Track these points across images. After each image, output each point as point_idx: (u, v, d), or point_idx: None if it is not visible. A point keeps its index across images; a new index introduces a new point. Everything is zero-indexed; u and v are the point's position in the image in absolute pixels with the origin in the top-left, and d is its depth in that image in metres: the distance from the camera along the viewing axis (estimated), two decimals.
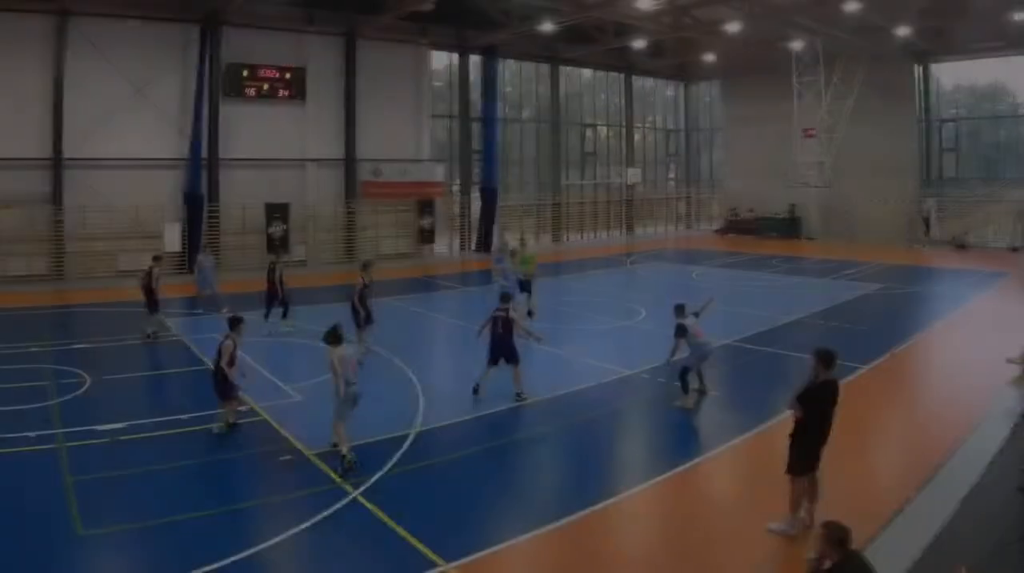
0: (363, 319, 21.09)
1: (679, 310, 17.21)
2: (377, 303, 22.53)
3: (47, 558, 10.34)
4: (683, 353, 17.21)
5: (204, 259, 29.27)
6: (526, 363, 18.12)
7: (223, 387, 15.37)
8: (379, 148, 45.29)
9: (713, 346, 17.56)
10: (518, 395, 17.36)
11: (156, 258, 25.13)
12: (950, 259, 44.03)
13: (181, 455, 14.14)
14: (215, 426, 15.46)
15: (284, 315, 25.06)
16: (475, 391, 17.43)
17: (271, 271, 25.30)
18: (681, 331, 16.71)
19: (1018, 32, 42.21)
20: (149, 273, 24.08)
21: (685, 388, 16.92)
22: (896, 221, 51.37)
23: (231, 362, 15.21)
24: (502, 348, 17.35)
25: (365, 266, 22.21)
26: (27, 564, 10.13)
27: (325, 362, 13.90)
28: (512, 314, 17.50)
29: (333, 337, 13.84)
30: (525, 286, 26.48)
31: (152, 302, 23.81)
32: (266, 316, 24.80)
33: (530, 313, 25.34)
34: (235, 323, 15.88)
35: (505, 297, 18.01)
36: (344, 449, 13.43)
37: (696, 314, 17.43)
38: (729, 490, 13.28)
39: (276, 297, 24.94)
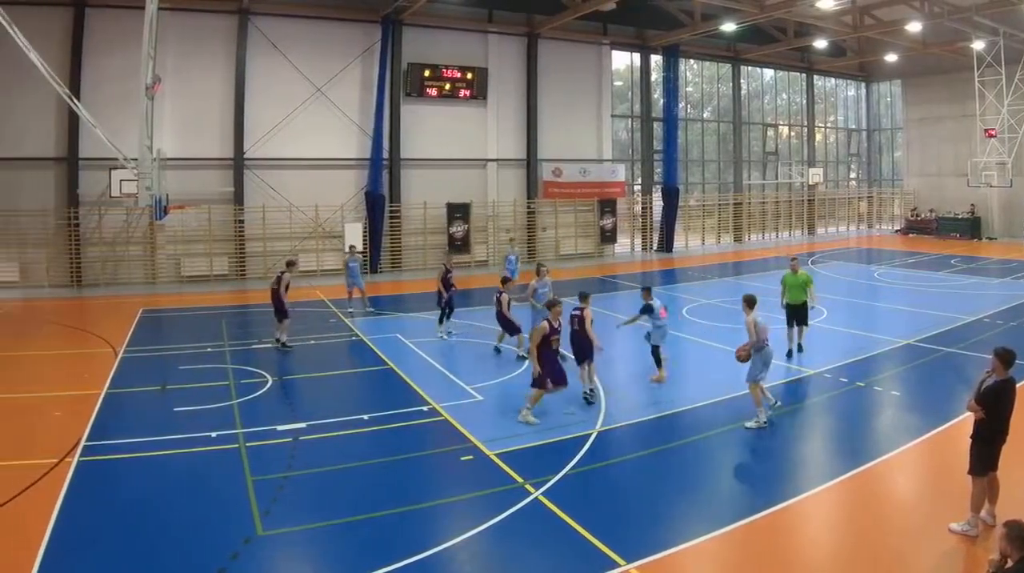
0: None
1: (647, 292, 18.62)
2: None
3: (228, 558, 9.85)
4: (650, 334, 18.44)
5: (350, 259, 27.73)
6: (705, 364, 19.21)
7: (510, 325, 20.37)
8: (560, 148, 43.80)
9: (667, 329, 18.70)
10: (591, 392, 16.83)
11: (289, 263, 23.13)
12: None
13: (362, 455, 13.81)
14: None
15: (440, 319, 23.57)
16: (586, 398, 16.71)
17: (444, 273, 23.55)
18: (647, 310, 18.28)
19: None
20: (279, 278, 22.01)
21: (658, 362, 18.18)
22: None
23: (508, 307, 20.35)
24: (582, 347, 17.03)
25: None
26: (209, 563, 9.71)
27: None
28: (587, 312, 17.08)
29: (747, 302, 15.61)
30: (792, 317, 20.62)
31: (280, 308, 21.87)
32: (440, 321, 23.61)
33: (800, 348, 20.55)
34: (505, 281, 20.81)
35: (584, 296, 17.63)
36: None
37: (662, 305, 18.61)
38: (910, 490, 12.58)
39: (441, 298, 23.32)
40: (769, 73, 57.13)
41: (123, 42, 30.31)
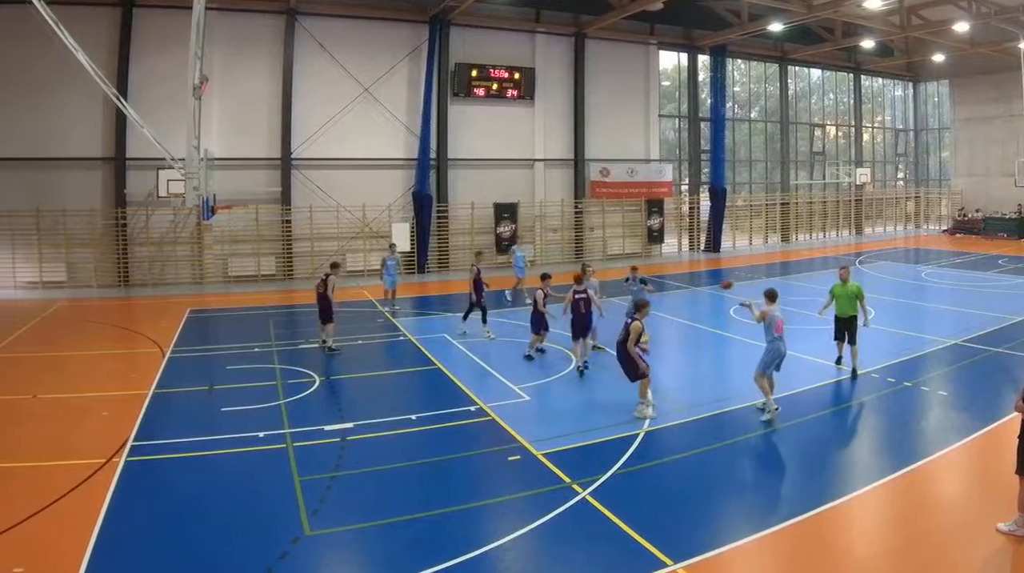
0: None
1: (634, 269, 21.99)
2: (605, 303, 21.84)
3: (277, 558, 9.82)
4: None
5: (388, 257, 27.38)
6: (751, 364, 16.76)
7: (539, 321, 20.01)
8: (607, 148, 43.15)
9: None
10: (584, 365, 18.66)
11: (334, 266, 22.38)
12: None
13: (409, 455, 13.69)
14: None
15: (483, 319, 23.15)
16: (580, 371, 18.44)
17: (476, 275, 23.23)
18: (644, 282, 21.45)
19: None
20: (324, 281, 21.37)
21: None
22: None
23: (543, 304, 19.96)
24: (583, 325, 18.78)
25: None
26: (257, 563, 9.70)
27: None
28: (591, 293, 19.14)
29: (767, 296, 15.69)
30: (842, 331, 18.67)
31: (325, 310, 21.27)
32: (483, 320, 23.16)
33: (853, 373, 18.15)
34: (544, 278, 20.52)
35: (580, 280, 19.31)
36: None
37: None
38: (957, 490, 12.42)
39: (480, 299, 23.17)
40: (816, 73, 55.99)
41: (170, 42, 30.08)
